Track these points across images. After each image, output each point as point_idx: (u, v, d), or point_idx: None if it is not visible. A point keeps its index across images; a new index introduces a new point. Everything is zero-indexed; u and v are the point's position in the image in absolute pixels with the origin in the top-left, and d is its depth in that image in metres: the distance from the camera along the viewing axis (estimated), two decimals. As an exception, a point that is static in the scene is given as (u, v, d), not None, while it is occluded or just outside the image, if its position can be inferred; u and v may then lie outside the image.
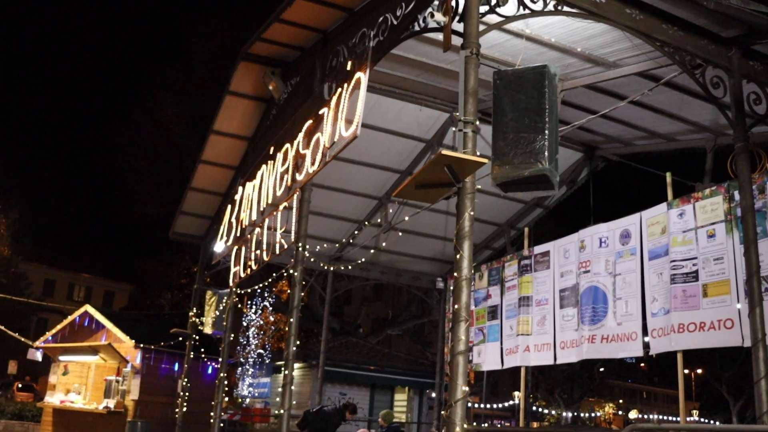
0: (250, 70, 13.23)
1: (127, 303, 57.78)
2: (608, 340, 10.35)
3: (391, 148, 14.35)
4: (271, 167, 12.02)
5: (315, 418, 12.80)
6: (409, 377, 25.42)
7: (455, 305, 5.91)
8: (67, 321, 21.50)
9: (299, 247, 10.55)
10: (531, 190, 6.56)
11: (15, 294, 35.40)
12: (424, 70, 11.24)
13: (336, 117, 9.13)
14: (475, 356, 13.05)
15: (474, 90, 6.31)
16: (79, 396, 19.83)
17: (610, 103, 10.66)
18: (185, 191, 17.49)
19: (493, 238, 17.13)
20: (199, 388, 18.51)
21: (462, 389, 5.69)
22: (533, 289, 12.03)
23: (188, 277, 37.71)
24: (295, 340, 10.19)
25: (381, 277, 19.14)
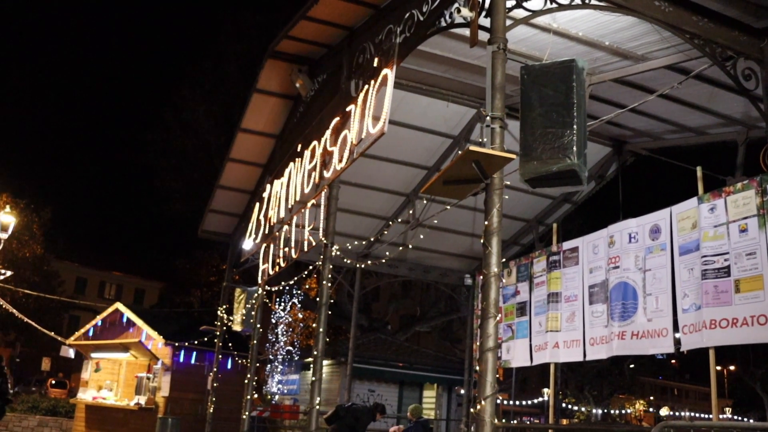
0: (277, 67, 13.28)
1: (157, 300, 58.26)
2: (638, 336, 10.25)
3: (419, 145, 14.34)
4: (298, 165, 12.05)
5: (347, 413, 12.82)
6: (437, 374, 25.39)
7: (484, 302, 5.89)
8: (99, 318, 21.74)
9: (327, 244, 10.57)
10: (559, 185, 6.50)
11: (48, 292, 35.81)
12: (451, 65, 11.21)
13: (363, 114, 9.13)
14: (503, 353, 12.98)
15: (501, 85, 6.28)
16: (110, 392, 20.07)
17: (639, 96, 10.56)
18: (214, 189, 17.61)
19: (521, 234, 17.06)
20: (228, 385, 18.63)
21: (491, 386, 5.67)
22: (562, 285, 11.94)
23: (217, 275, 38.02)
24: (323, 337, 10.22)
25: (409, 273, 19.13)
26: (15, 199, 37.67)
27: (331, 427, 12.85)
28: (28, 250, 39.14)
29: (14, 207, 34.17)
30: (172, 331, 19.38)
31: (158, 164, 32.71)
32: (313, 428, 10.00)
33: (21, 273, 36.09)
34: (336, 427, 12.74)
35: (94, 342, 21.21)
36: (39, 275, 40.38)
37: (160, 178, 32.77)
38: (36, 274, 39.88)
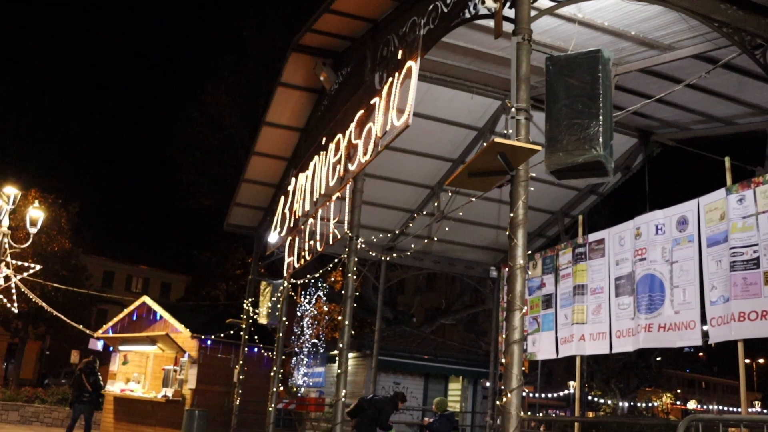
0: (301, 61, 13.31)
1: (184, 294, 58.68)
2: (665, 328, 10.17)
3: (443, 137, 14.31)
4: (323, 158, 12.08)
5: (369, 405, 12.86)
6: (462, 366, 25.34)
7: (509, 294, 5.88)
8: (126, 312, 21.93)
9: (352, 237, 10.60)
10: (585, 177, 6.46)
11: (76, 286, 36.16)
12: (475, 57, 11.16)
13: (387, 106, 9.13)
14: (529, 345, 12.94)
15: (526, 76, 6.25)
16: (138, 385, 20.24)
17: (666, 87, 10.45)
18: (239, 183, 17.70)
19: (546, 226, 16.98)
20: (254, 378, 18.73)
21: (517, 378, 5.67)
22: (588, 277, 11.87)
23: (243, 268, 38.20)
24: (349, 330, 10.26)
25: (434, 266, 19.12)
26: (43, 195, 38.08)
27: (354, 420, 12.91)
28: (56, 244, 39.56)
29: (43, 202, 34.54)
30: (199, 324, 19.52)
31: (184, 159, 32.92)
32: (339, 420, 10.04)
33: (50, 267, 36.46)
34: (359, 419, 12.79)
35: (121, 335, 21.40)
36: (68, 269, 40.79)
37: (186, 173, 32.97)
38: (65, 268, 40.28)
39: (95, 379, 16.71)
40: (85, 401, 16.48)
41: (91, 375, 16.70)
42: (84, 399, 16.47)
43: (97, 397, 16.69)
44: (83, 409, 16.60)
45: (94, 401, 16.70)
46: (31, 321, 40.35)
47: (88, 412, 16.66)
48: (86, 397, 16.46)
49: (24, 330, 41.82)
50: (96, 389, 16.67)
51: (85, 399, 16.47)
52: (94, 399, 16.68)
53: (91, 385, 16.59)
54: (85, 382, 16.57)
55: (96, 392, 16.66)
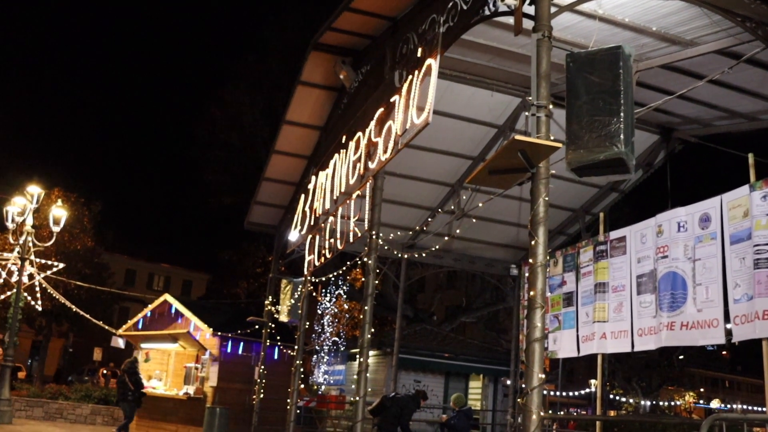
0: (321, 59, 13.32)
1: (205, 292, 58.99)
2: (688, 327, 10.08)
3: (463, 135, 14.28)
4: (343, 156, 12.09)
5: (392, 403, 12.87)
6: (483, 365, 25.30)
7: (530, 292, 5.86)
8: (148, 310, 22.07)
9: (373, 235, 10.60)
10: (606, 174, 6.41)
11: (99, 284, 36.47)
12: (495, 54, 11.13)
13: (407, 104, 9.12)
14: (550, 343, 12.88)
15: (546, 73, 6.23)
16: (160, 382, 20.39)
17: (688, 82, 10.37)
18: (259, 181, 17.76)
19: (567, 224, 16.91)
20: (275, 375, 18.78)
21: (538, 376, 5.65)
22: (609, 275, 11.79)
23: (263, 266, 38.32)
24: (369, 328, 10.26)
25: (454, 264, 19.09)
26: (66, 193, 38.41)
27: (376, 418, 12.92)
28: (79, 242, 39.89)
29: (66, 201, 34.79)
30: (220, 322, 19.60)
31: (205, 157, 33.10)
32: (360, 418, 10.05)
33: (73, 265, 36.78)
34: (381, 417, 12.80)
35: (143, 333, 21.55)
36: (90, 267, 41.11)
37: (207, 172, 33.16)
38: (87, 267, 40.61)
39: (137, 378, 17.43)
40: (129, 399, 17.20)
41: (132, 374, 17.41)
42: (129, 398, 17.20)
43: (139, 395, 17.38)
44: (126, 407, 17.36)
45: (136, 399, 17.35)
46: (54, 319, 40.71)
47: (130, 410, 17.40)
48: (130, 396, 17.18)
49: (48, 327, 42.22)
50: (138, 388, 17.36)
51: (129, 398, 17.20)
52: (137, 397, 17.32)
53: (133, 384, 17.27)
54: (128, 381, 17.28)
55: (138, 390, 17.35)
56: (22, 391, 24.52)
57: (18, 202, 20.85)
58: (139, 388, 17.48)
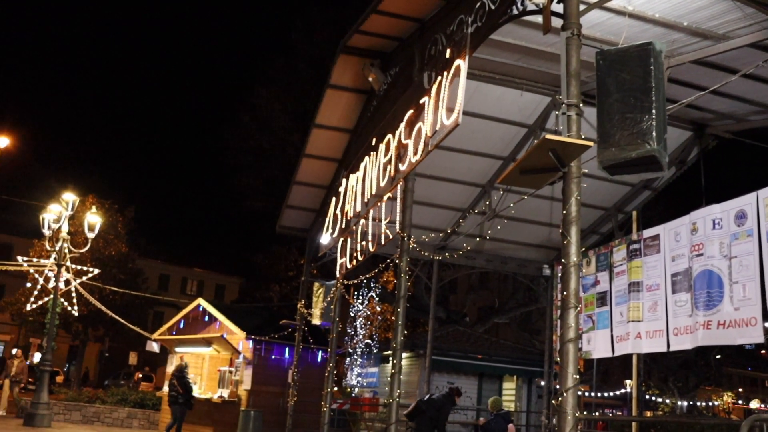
0: (349, 62, 13.35)
1: (238, 296, 59.39)
2: (725, 325, 9.94)
3: (493, 135, 14.23)
4: (373, 158, 12.10)
5: (428, 406, 12.84)
6: (517, 366, 25.17)
7: (564, 292, 5.82)
8: (182, 314, 22.26)
9: (404, 237, 10.59)
10: (639, 172, 6.35)
11: (133, 289, 36.93)
12: (524, 53, 11.07)
13: (437, 105, 9.10)
14: (584, 344, 12.77)
15: (576, 72, 6.18)
16: (194, 386, 20.55)
17: (721, 77, 10.23)
18: (290, 185, 17.83)
19: (600, 223, 16.78)
20: (308, 378, 18.85)
21: (573, 377, 5.60)
22: (643, 274, 11.66)
23: (295, 270, 38.49)
24: (402, 330, 10.24)
25: (486, 265, 19.02)
26: (100, 200, 38.95)
27: (413, 421, 12.91)
28: (113, 248, 40.42)
29: (100, 207, 35.30)
30: (253, 326, 19.71)
31: (236, 162, 33.35)
32: (393, 420, 10.04)
33: (108, 271, 37.29)
34: (418, 421, 12.78)
35: (177, 337, 21.73)
36: (125, 273, 41.65)
37: (238, 176, 33.41)
38: (122, 272, 41.15)
39: (185, 381, 18.12)
40: (179, 402, 17.94)
41: (181, 378, 18.17)
42: (179, 401, 17.95)
43: (189, 398, 18.09)
44: (176, 409, 18.06)
45: (186, 402, 18.04)
46: (90, 324, 41.27)
47: (181, 412, 18.09)
48: (180, 399, 17.95)
49: (84, 332, 42.79)
50: (187, 391, 18.05)
51: (180, 401, 17.95)
52: (186, 400, 18.03)
53: (181, 387, 18.03)
54: (177, 384, 18.08)
55: (187, 393, 18.07)
56: (60, 395, 24.88)
57: (54, 210, 21.16)
58: (187, 392, 18.10)
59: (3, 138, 34.26)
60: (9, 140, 34.96)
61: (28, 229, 38.67)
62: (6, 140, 34.55)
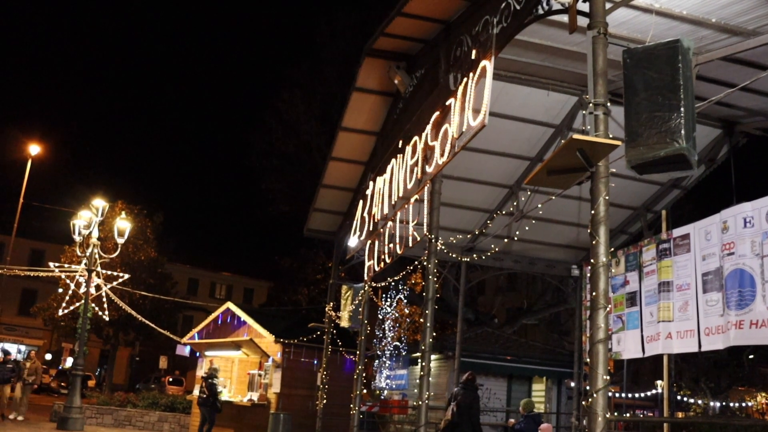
0: (375, 65, 13.39)
1: (266, 299, 59.62)
2: (758, 325, 9.83)
3: (520, 136, 14.19)
4: (400, 161, 12.12)
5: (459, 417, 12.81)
6: (546, 367, 25.05)
7: (593, 292, 5.79)
8: (211, 318, 22.42)
9: (432, 238, 10.58)
10: (668, 171, 6.30)
11: (162, 293, 37.24)
12: (550, 53, 11.03)
13: (463, 107, 9.10)
14: (614, 344, 12.68)
15: (603, 71, 6.16)
16: (224, 389, 20.69)
17: (751, 74, 10.11)
18: (317, 188, 17.89)
19: (628, 223, 16.66)
20: (337, 381, 18.89)
21: (603, 378, 5.57)
22: (673, 273, 11.56)
23: (323, 273, 38.61)
24: (430, 332, 10.24)
25: (514, 266, 18.95)
26: (129, 206, 39.33)
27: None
28: (143, 253, 40.80)
29: (129, 213, 35.63)
30: (282, 329, 19.80)
31: (262, 166, 33.52)
32: (423, 422, 10.04)
33: (137, 276, 37.64)
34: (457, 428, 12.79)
35: (207, 341, 21.89)
36: (154, 277, 42.02)
37: (265, 180, 33.58)
38: (151, 277, 41.51)
39: (210, 384, 18.44)
40: (208, 405, 18.35)
41: (207, 380, 18.54)
42: (208, 403, 18.34)
43: (214, 400, 18.40)
44: (205, 411, 18.47)
45: (211, 403, 18.36)
46: (121, 328, 41.67)
47: (209, 414, 18.45)
48: (210, 401, 18.34)
49: (115, 337, 43.21)
50: (212, 394, 18.38)
51: (209, 403, 18.35)
52: (211, 402, 18.35)
53: (208, 390, 18.43)
54: (205, 387, 18.49)
55: (213, 395, 18.36)
56: (92, 399, 25.14)
57: (84, 216, 21.42)
58: (213, 395, 18.37)
59: (35, 146, 34.79)
60: (40, 148, 35.51)
61: (60, 235, 39.18)
62: (38, 148, 35.08)
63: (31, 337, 54.12)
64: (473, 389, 13.12)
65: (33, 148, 34.12)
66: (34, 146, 34.28)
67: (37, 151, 34.59)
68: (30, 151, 33.88)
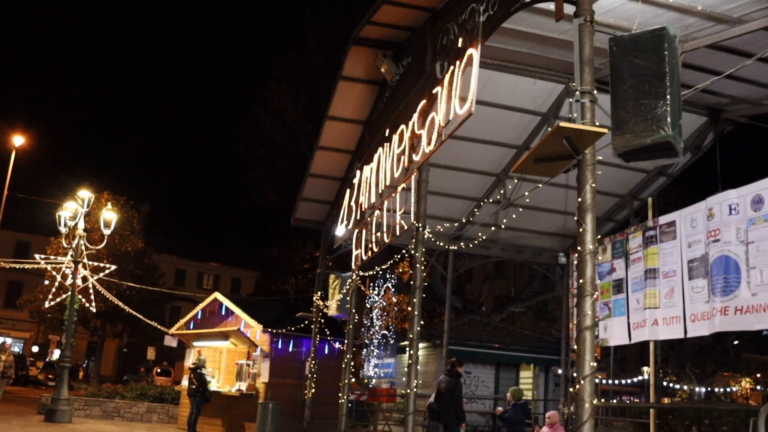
0: (361, 54, 13.35)
1: (254, 289, 59.58)
2: (742, 311, 9.90)
3: (507, 124, 14.19)
4: (387, 149, 12.10)
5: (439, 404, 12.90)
6: (533, 354, 25.19)
7: (580, 280, 5.81)
8: (199, 308, 22.35)
9: (419, 227, 10.59)
10: (654, 158, 6.32)
11: (149, 284, 37.12)
12: (537, 41, 11.03)
13: (450, 95, 9.09)
14: (601, 331, 12.75)
15: (590, 58, 6.16)
16: (213, 379, 20.65)
17: (736, 62, 10.15)
18: (304, 178, 17.86)
19: (615, 210, 16.72)
20: (326, 370, 18.90)
21: (590, 365, 5.60)
22: (659, 260, 11.62)
23: (311, 262, 38.60)
24: (418, 320, 10.26)
25: (502, 254, 19.00)
26: (115, 196, 39.15)
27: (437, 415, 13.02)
28: (129, 244, 40.65)
29: (115, 204, 35.50)
30: (270, 319, 19.76)
31: (249, 156, 33.43)
32: (411, 410, 10.07)
33: (124, 267, 37.51)
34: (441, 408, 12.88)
35: (195, 331, 21.83)
36: (141, 268, 41.88)
37: (252, 170, 33.49)
38: (138, 268, 41.37)
39: (198, 374, 18.65)
40: (197, 395, 18.57)
41: (195, 371, 18.74)
42: (197, 394, 18.57)
43: (203, 390, 18.59)
44: (193, 401, 18.71)
45: (200, 394, 18.58)
46: (108, 319, 41.56)
47: (196, 404, 18.65)
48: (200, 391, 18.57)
49: (102, 328, 43.10)
50: (201, 384, 18.57)
51: (198, 393, 18.56)
52: (200, 392, 18.56)
53: (196, 380, 18.63)
54: (193, 378, 18.70)
55: (202, 386, 18.57)
56: (80, 390, 25.07)
57: (70, 207, 21.29)
58: (201, 385, 18.52)
59: (18, 137, 34.51)
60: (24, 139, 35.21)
61: (45, 226, 38.96)
62: (21, 139, 34.79)
63: (18, 329, 53.93)
64: (456, 375, 13.18)
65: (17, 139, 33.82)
66: (18, 137, 33.98)
67: (21, 142, 34.28)
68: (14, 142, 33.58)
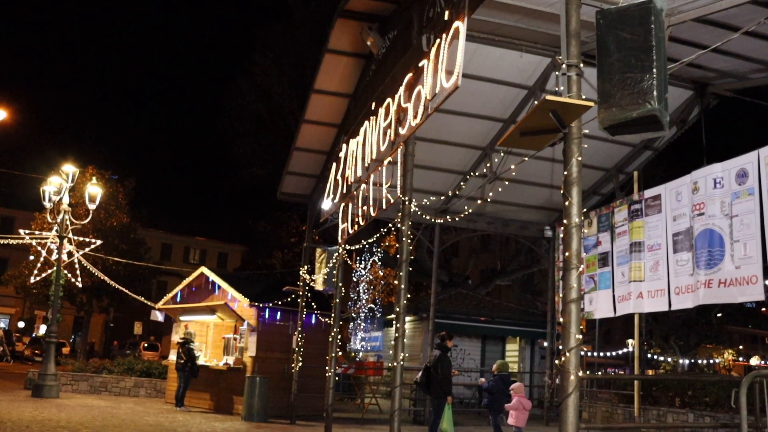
0: (347, 27, 13.26)
1: (240, 263, 59.59)
2: (726, 284, 9.99)
3: (493, 97, 14.17)
4: (373, 123, 12.05)
5: (431, 369, 12.99)
6: (520, 327, 25.38)
7: (566, 253, 5.83)
8: (185, 283, 22.30)
9: (405, 201, 10.58)
10: (640, 131, 6.32)
11: (136, 259, 37.06)
12: (523, 14, 10.99)
13: (436, 68, 9.05)
14: (586, 304, 12.85)
15: (576, 32, 6.14)
16: (200, 353, 20.68)
17: (722, 35, 10.15)
18: (290, 151, 17.79)
19: (601, 184, 16.78)
20: (313, 344, 18.95)
21: (575, 337, 5.64)
22: (645, 234, 11.70)
23: (297, 236, 38.63)
24: (405, 294, 10.28)
25: (488, 227, 19.06)
26: (100, 171, 38.93)
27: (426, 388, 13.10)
28: (115, 219, 40.50)
29: (100, 178, 35.28)
30: (256, 293, 19.74)
31: (235, 130, 33.27)
32: (398, 383, 10.12)
33: (110, 242, 37.41)
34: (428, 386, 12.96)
35: (181, 305, 21.80)
36: (127, 243, 41.76)
37: (238, 144, 33.35)
38: (124, 243, 41.25)
39: (187, 348, 19.05)
40: (185, 369, 18.91)
41: (184, 346, 19.08)
42: (186, 368, 18.90)
43: (191, 365, 18.93)
44: (181, 376, 19.04)
45: (188, 368, 18.92)
46: (94, 295, 41.50)
47: (185, 378, 19.01)
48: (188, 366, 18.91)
49: (89, 303, 43.03)
50: (190, 358, 18.92)
51: (187, 368, 18.90)
52: (189, 366, 18.90)
53: (185, 355, 18.98)
54: (181, 352, 19.03)
55: (191, 361, 18.92)
56: (67, 366, 25.05)
57: (54, 182, 21.13)
58: (190, 359, 18.85)
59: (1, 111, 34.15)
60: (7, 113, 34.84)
61: (30, 201, 38.77)
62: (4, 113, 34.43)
63: (3, 305, 53.79)
64: (444, 349, 13.27)
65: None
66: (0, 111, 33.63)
67: (4, 116, 33.94)
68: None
